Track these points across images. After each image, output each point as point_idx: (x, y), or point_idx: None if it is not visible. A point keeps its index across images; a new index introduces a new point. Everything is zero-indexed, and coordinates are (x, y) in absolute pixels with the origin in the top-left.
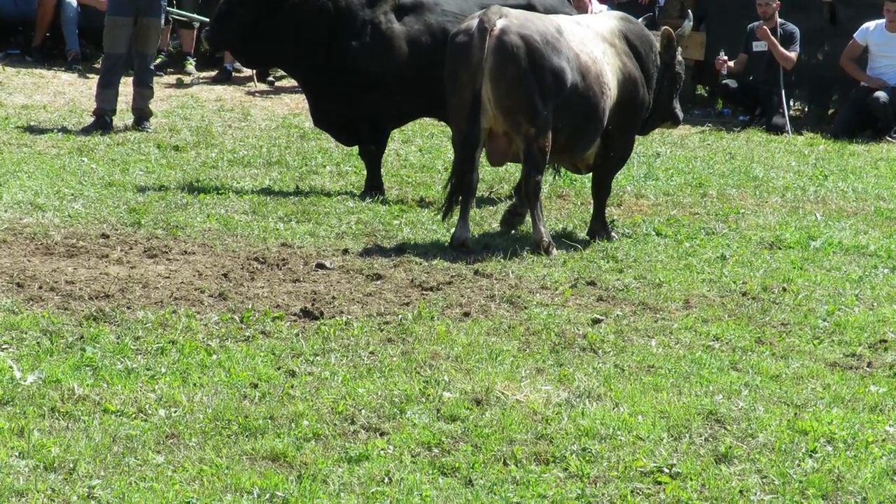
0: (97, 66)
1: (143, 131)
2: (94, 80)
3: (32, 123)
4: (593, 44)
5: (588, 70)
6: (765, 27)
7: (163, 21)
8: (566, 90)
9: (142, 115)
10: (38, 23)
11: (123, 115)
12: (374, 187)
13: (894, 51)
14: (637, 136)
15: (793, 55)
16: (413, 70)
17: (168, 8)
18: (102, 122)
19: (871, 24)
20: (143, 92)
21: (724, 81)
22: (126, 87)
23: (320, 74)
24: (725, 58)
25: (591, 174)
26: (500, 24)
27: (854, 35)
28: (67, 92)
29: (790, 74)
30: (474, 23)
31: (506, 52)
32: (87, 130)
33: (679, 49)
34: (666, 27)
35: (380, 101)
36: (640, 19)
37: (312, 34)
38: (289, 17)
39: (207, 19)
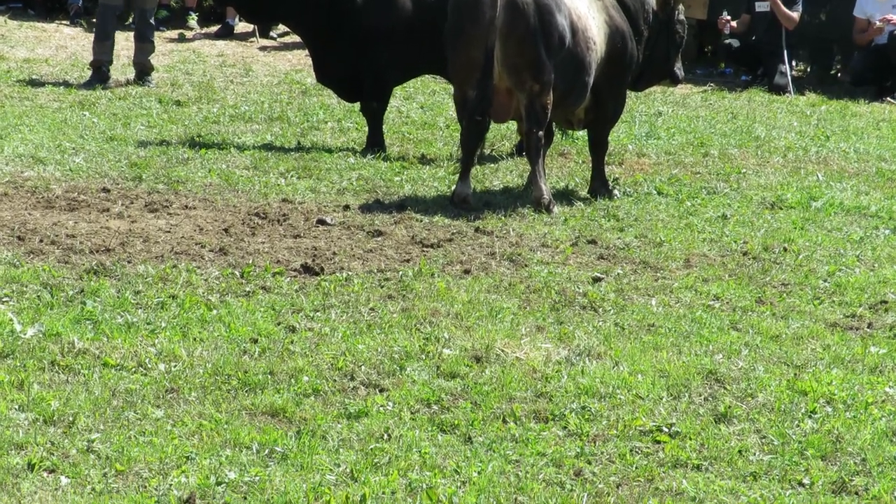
0: None
1: (144, 86)
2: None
3: (34, 77)
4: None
5: (576, 26)
6: None
7: None
8: (564, 47)
9: (143, 70)
10: None
11: (125, 69)
12: (375, 143)
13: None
14: (636, 94)
15: (795, 15)
16: (417, 24)
17: None
18: (100, 73)
19: None
20: (144, 46)
21: (726, 41)
22: (128, 41)
23: (323, 29)
24: (728, 17)
25: (586, 131)
26: None
27: (854, 13)
28: (69, 46)
29: (792, 35)
30: None
31: (517, 9)
32: (87, 84)
33: (680, 7)
34: None
35: (383, 55)
36: None
37: None
38: None
39: None
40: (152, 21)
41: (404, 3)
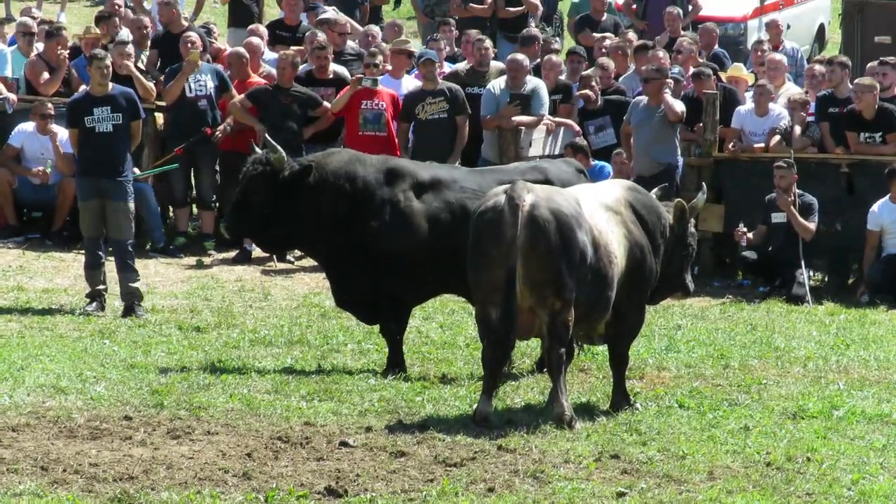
0: None
1: (138, 318)
2: (114, 262)
3: (53, 307)
4: (598, 214)
5: (597, 241)
6: (786, 198)
7: (132, 205)
8: (586, 263)
9: (132, 300)
10: (58, 207)
11: (144, 297)
12: (396, 364)
13: None
14: (654, 307)
15: (812, 226)
16: (433, 247)
17: (135, 172)
18: (97, 302)
19: (875, 207)
20: (128, 275)
21: (743, 253)
22: (145, 268)
23: (340, 255)
24: (745, 229)
25: (606, 346)
26: (528, 198)
27: (867, 226)
28: None
29: (809, 245)
30: (502, 199)
31: (538, 227)
32: (84, 312)
33: (692, 221)
34: (679, 199)
35: (401, 279)
36: (655, 189)
37: (330, 216)
38: (305, 201)
39: (176, 165)
40: (129, 248)
41: (420, 224)
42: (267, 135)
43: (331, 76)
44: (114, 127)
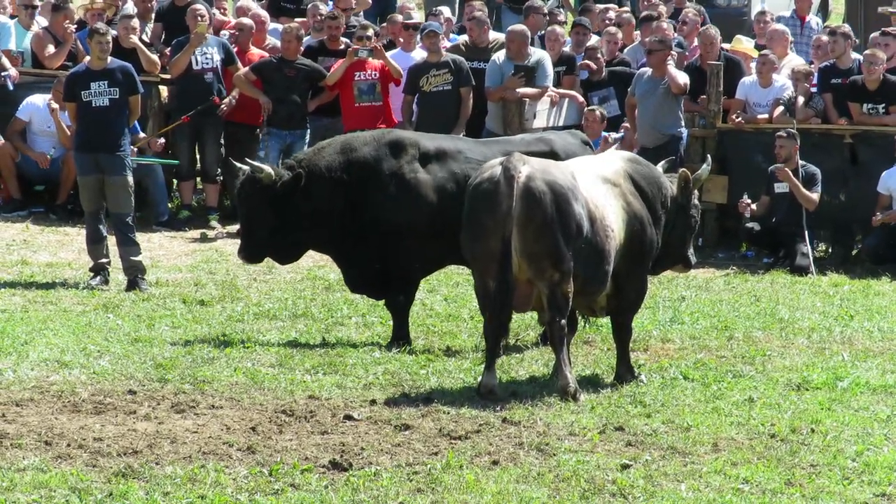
0: None
1: (142, 291)
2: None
3: (57, 281)
4: (595, 187)
5: (594, 214)
6: (786, 169)
7: (130, 179)
8: (582, 235)
9: (135, 274)
10: (62, 181)
11: (148, 270)
12: (400, 337)
13: None
14: (659, 279)
15: (815, 196)
16: (441, 217)
17: (136, 158)
18: (100, 276)
19: (886, 173)
20: (129, 249)
21: (746, 224)
22: (150, 241)
23: (354, 242)
24: (749, 201)
25: (608, 318)
26: (524, 170)
27: (878, 188)
28: None
29: (812, 215)
30: (497, 170)
31: (533, 199)
32: (88, 286)
33: (695, 192)
34: (683, 169)
35: (410, 251)
36: (663, 162)
37: (336, 209)
38: (307, 204)
39: (176, 162)
40: (130, 222)
41: (427, 195)
42: (248, 159)
43: (342, 47)
44: (110, 101)
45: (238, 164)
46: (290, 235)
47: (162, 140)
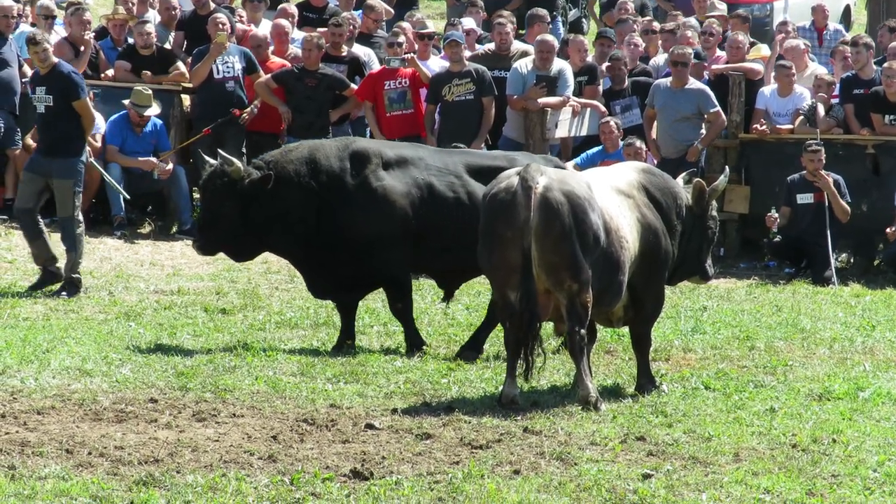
0: (143, 231)
1: (67, 298)
2: (139, 245)
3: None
4: (610, 199)
5: (608, 226)
6: (826, 179)
7: (74, 183)
8: (599, 245)
9: (69, 283)
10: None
11: (170, 279)
12: (413, 343)
13: None
14: (680, 289)
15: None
16: (410, 222)
17: (103, 170)
18: (47, 273)
19: None
20: (68, 256)
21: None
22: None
23: (318, 249)
24: (776, 216)
25: (627, 329)
26: (542, 181)
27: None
28: (114, 257)
29: (835, 226)
30: (514, 180)
31: (551, 209)
32: (34, 287)
33: (713, 203)
34: (698, 179)
35: (386, 258)
36: (684, 174)
37: (300, 214)
38: (271, 204)
39: (128, 196)
40: (78, 231)
41: (396, 201)
42: (220, 151)
43: (343, 54)
44: (45, 108)
45: (206, 157)
46: (250, 235)
47: (170, 167)
